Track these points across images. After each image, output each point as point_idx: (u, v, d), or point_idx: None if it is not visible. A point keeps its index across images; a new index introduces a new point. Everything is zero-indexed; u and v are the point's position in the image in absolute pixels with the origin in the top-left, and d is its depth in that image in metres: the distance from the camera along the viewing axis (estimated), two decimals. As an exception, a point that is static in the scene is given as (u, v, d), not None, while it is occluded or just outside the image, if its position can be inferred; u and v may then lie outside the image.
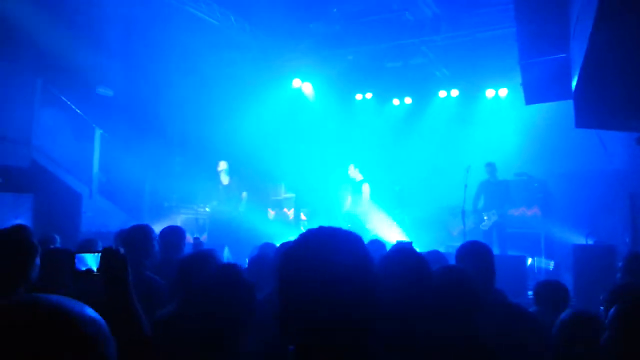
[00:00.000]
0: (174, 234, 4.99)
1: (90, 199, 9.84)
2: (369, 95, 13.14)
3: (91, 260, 2.11)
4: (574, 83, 4.58)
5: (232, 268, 2.61)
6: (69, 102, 9.76)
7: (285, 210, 12.38)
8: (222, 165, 10.33)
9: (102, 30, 9.66)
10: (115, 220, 9.08)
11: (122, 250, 2.11)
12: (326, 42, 10.99)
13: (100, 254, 2.08)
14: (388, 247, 5.10)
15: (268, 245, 5.53)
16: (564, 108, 7.03)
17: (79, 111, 9.88)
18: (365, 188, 10.15)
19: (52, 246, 5.96)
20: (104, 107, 10.25)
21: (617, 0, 2.57)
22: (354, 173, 10.25)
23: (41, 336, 0.84)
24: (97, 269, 2.05)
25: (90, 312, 0.93)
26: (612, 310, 2.17)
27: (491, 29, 9.68)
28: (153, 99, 10.21)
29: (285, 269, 1.19)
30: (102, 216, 9.63)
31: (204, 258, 3.45)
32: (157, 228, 4.77)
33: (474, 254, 3.40)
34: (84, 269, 2.08)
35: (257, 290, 4.43)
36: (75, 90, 9.81)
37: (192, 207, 10.70)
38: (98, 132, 10.20)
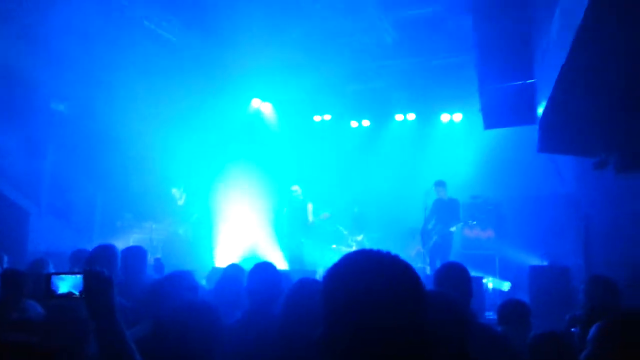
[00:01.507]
0: (135, 254, 4.82)
1: (38, 217, 9.39)
2: (327, 117, 13.23)
3: (70, 282, 1.97)
4: (540, 109, 4.74)
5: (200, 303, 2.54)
6: (20, 120, 9.34)
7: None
8: (175, 192, 10.34)
9: (57, 43, 9.34)
10: (65, 240, 8.68)
11: (106, 272, 1.99)
12: (286, 63, 11.04)
13: (81, 275, 1.95)
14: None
15: (234, 267, 5.40)
16: (520, 133, 7.31)
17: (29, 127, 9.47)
18: (309, 207, 10.12)
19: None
20: (57, 122, 9.86)
21: (594, 31, 2.69)
22: (297, 192, 10.21)
23: None
24: (80, 292, 1.92)
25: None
26: (594, 328, 2.24)
27: (448, 57, 10.00)
28: (108, 115, 9.89)
29: (337, 294, 1.13)
30: (51, 235, 9.18)
31: (179, 283, 3.34)
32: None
33: (453, 276, 3.44)
34: (62, 291, 1.93)
35: (225, 312, 4.33)
36: (27, 104, 9.40)
37: (145, 226, 10.41)
38: (50, 149, 9.80)
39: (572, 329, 3.63)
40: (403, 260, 1.17)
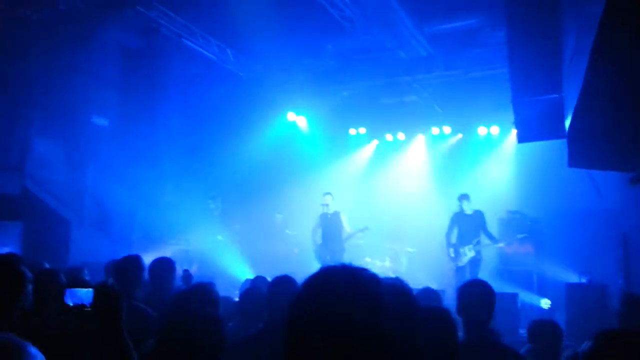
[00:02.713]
0: (163, 265, 4.94)
1: (79, 227, 9.73)
2: (362, 130, 13.25)
3: (83, 295, 2.05)
4: (567, 122, 4.64)
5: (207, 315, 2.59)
6: (63, 132, 9.78)
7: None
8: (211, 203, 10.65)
9: (98, 60, 9.74)
10: (105, 250, 8.94)
11: (116, 287, 2.07)
12: (320, 77, 11.15)
13: (92, 289, 2.03)
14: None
15: (260, 279, 5.48)
16: (557, 147, 7.13)
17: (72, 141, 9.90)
18: (343, 217, 9.97)
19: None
20: (99, 136, 10.25)
21: (613, 38, 2.63)
22: (329, 203, 10.00)
23: None
24: (90, 305, 2.00)
25: (32, 349, 0.93)
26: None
27: (483, 69, 9.88)
28: (148, 130, 10.22)
29: (295, 309, 1.16)
30: (91, 245, 9.48)
31: (198, 294, 3.41)
32: (147, 259, 4.73)
33: (476, 293, 3.39)
34: (74, 303, 2.02)
35: (248, 323, 4.38)
36: (71, 120, 9.82)
37: (182, 238, 10.61)
38: (91, 162, 10.18)
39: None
40: (364, 275, 1.17)
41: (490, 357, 3.24)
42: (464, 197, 9.40)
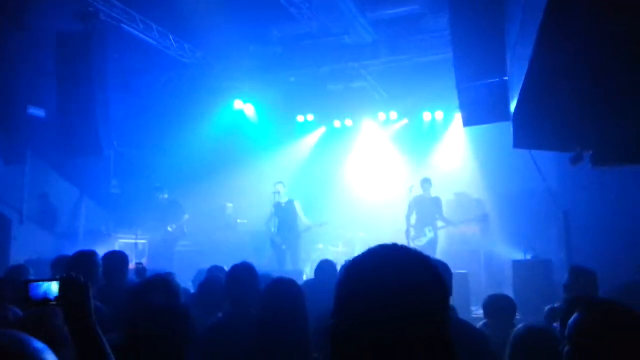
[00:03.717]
0: (116, 259, 4.82)
1: (20, 224, 9.30)
2: (310, 117, 13.25)
3: (47, 288, 1.97)
4: (513, 105, 4.81)
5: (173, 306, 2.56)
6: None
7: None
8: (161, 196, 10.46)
9: (32, 47, 9.27)
10: (49, 247, 8.62)
11: (82, 279, 2.00)
12: (267, 64, 11.05)
13: (57, 282, 1.95)
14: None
15: (216, 269, 5.42)
16: (500, 131, 7.38)
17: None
18: (297, 205, 10.00)
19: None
20: (36, 128, 9.76)
21: (557, 25, 2.73)
22: (282, 191, 10.02)
23: None
24: (56, 298, 1.93)
25: (37, 344, 0.90)
26: (570, 322, 2.22)
27: (428, 55, 10.06)
28: (88, 120, 9.81)
29: (350, 286, 1.15)
30: (34, 243, 9.09)
31: (158, 286, 3.34)
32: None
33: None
34: (39, 298, 1.94)
35: (207, 314, 4.33)
36: (4, 111, 9.30)
37: (130, 232, 10.35)
38: (29, 155, 9.70)
39: (554, 325, 3.66)
40: (422, 255, 1.18)
41: (454, 332, 3.34)
42: (426, 181, 9.67)
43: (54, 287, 1.93)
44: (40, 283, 1.96)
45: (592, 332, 1.99)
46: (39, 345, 0.90)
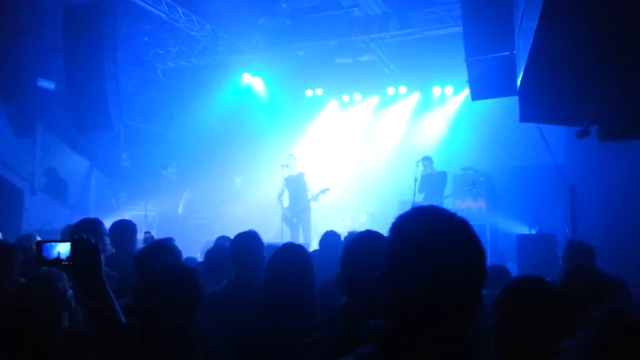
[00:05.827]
0: (125, 228, 4.87)
1: (32, 195, 9.45)
2: (319, 91, 13.20)
3: (59, 249, 2.04)
4: (519, 79, 4.78)
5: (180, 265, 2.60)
6: (7, 98, 9.33)
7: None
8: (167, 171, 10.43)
9: (41, 20, 9.27)
10: (59, 217, 8.74)
11: (92, 240, 2.06)
12: (276, 37, 10.98)
13: (69, 242, 2.02)
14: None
15: (224, 238, 5.50)
16: (509, 105, 7.35)
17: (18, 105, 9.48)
18: (308, 178, 9.86)
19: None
20: (46, 100, 9.83)
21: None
22: (292, 164, 9.87)
23: None
24: (67, 259, 2.00)
25: None
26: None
27: (438, 28, 9.94)
28: (98, 92, 9.87)
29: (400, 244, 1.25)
30: (45, 213, 9.24)
31: (160, 250, 3.42)
32: (106, 225, 4.64)
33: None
34: (51, 258, 2.01)
35: (214, 281, 4.43)
36: (14, 84, 9.37)
37: (140, 203, 10.48)
38: (39, 127, 9.80)
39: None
40: (465, 220, 1.30)
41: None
42: (426, 158, 9.68)
43: (65, 248, 2.00)
44: (53, 244, 2.03)
45: (509, 306, 2.07)
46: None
